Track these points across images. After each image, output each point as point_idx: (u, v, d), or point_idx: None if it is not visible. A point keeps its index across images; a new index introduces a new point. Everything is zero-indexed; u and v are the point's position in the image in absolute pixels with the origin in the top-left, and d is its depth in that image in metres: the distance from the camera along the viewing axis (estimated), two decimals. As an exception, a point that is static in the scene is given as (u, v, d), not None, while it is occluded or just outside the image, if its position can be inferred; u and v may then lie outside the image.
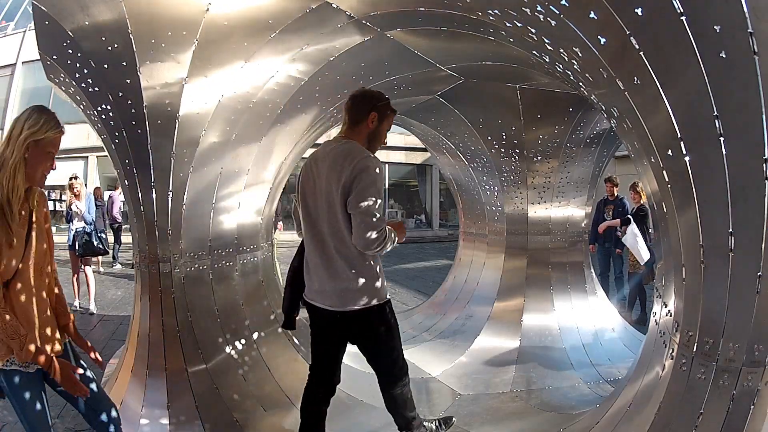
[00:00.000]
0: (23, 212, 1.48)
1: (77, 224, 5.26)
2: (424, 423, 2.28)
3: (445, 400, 3.04)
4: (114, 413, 1.73)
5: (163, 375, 2.53)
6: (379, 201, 1.76)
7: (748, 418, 1.33)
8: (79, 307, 5.34)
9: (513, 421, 2.80)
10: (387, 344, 2.01)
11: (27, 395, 1.53)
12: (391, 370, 2.06)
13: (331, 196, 1.80)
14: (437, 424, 2.36)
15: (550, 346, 3.66)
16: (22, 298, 1.48)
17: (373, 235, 1.73)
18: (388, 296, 1.96)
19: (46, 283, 1.60)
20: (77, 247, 5.19)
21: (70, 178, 5.53)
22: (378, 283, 1.89)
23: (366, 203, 1.72)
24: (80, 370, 1.63)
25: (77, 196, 5.33)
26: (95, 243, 5.24)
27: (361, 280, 1.84)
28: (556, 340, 3.69)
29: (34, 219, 1.53)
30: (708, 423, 1.39)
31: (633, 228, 4.72)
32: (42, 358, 1.48)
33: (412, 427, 2.18)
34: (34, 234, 1.52)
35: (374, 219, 1.74)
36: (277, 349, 3.02)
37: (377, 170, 1.77)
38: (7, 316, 1.41)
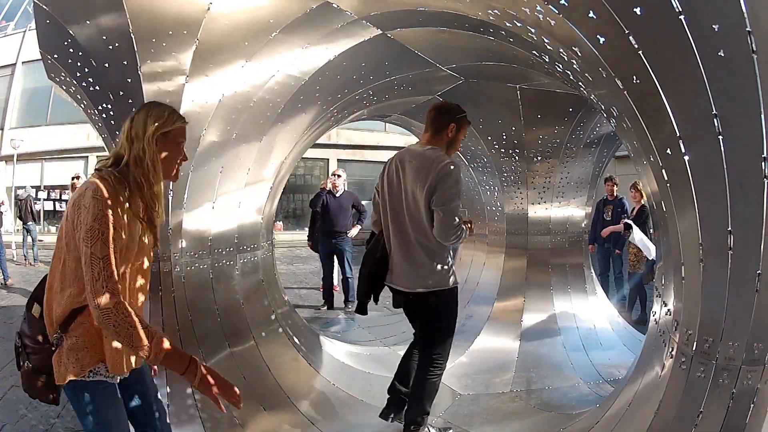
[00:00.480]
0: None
1: None
2: (429, 427, 2.37)
3: (445, 400, 3.04)
4: None
5: (163, 374, 2.53)
6: (458, 201, 2.11)
7: (747, 417, 1.34)
8: None
9: (513, 421, 2.79)
10: (440, 327, 2.25)
11: (111, 410, 1.34)
12: (435, 354, 2.25)
13: (416, 195, 2.12)
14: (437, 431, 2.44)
15: (550, 346, 3.65)
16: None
17: (453, 228, 2.07)
18: (455, 284, 2.23)
19: (146, 288, 1.46)
20: None
21: (73, 178, 5.51)
22: (448, 272, 2.19)
23: (448, 202, 2.06)
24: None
25: None
26: None
27: (434, 267, 2.16)
28: (556, 340, 3.69)
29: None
30: (708, 422, 1.39)
31: (636, 233, 4.70)
32: (165, 355, 1.25)
33: (421, 422, 2.29)
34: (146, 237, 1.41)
35: (454, 215, 2.07)
36: (277, 349, 3.02)
37: (458, 177, 2.10)
38: (128, 313, 1.21)
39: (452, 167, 2.08)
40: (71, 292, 1.28)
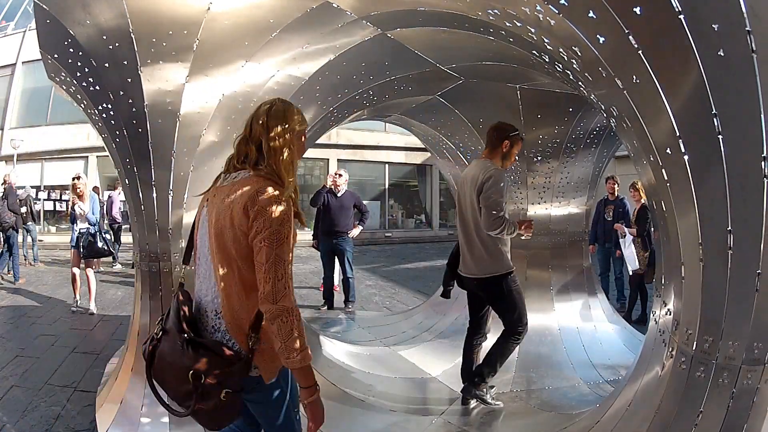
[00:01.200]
0: None
1: (81, 225, 5.15)
2: (489, 392, 2.81)
3: (445, 401, 3.04)
4: None
5: (163, 374, 2.53)
6: (498, 199, 2.53)
7: (747, 417, 1.34)
8: (77, 306, 5.31)
9: (513, 421, 2.80)
10: (508, 303, 2.71)
11: (296, 391, 1.39)
12: (513, 325, 2.73)
13: (473, 197, 2.65)
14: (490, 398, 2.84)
15: (550, 346, 3.65)
16: None
17: (493, 220, 2.51)
18: (510, 269, 2.69)
19: None
20: (81, 249, 5.08)
21: (73, 178, 5.36)
22: (502, 259, 2.67)
23: (489, 200, 2.54)
24: None
25: (80, 197, 5.19)
26: (99, 244, 5.11)
27: (490, 256, 2.66)
28: (556, 340, 3.69)
29: None
30: (708, 421, 1.39)
31: (627, 239, 4.70)
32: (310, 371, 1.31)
33: (485, 377, 2.75)
34: None
35: (494, 210, 2.52)
36: (277, 348, 3.02)
37: (498, 179, 2.56)
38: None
39: (494, 173, 2.57)
40: (256, 295, 1.27)
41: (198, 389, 1.24)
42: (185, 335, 1.30)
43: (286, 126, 1.36)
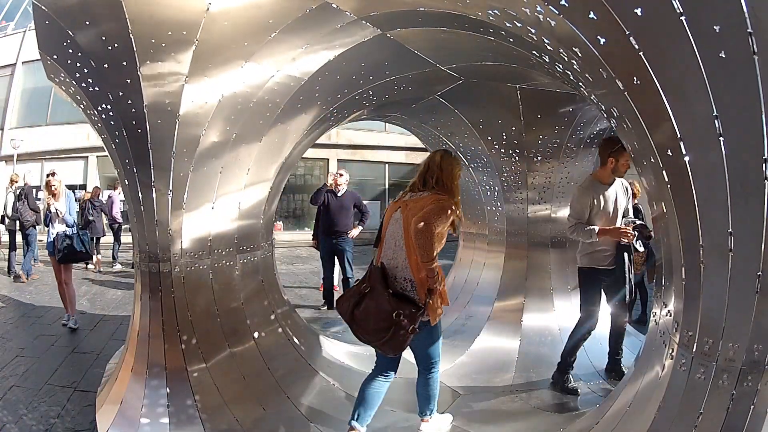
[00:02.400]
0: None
1: (58, 227, 4.66)
2: (569, 379, 3.17)
3: (445, 400, 3.04)
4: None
5: (163, 374, 2.53)
6: (571, 212, 3.15)
7: (747, 419, 1.33)
8: (69, 320, 4.78)
9: (513, 421, 2.80)
10: (581, 295, 3.20)
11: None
12: (581, 315, 3.19)
13: None
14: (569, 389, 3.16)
15: (550, 346, 3.65)
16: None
17: (568, 227, 3.16)
18: (585, 265, 3.16)
19: None
20: (57, 253, 4.56)
21: (48, 175, 4.83)
22: (583, 256, 3.17)
23: (569, 210, 3.21)
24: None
25: (55, 196, 4.67)
26: (77, 248, 4.58)
27: (576, 252, 3.25)
28: (556, 341, 3.68)
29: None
30: (707, 423, 1.39)
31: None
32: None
33: (562, 368, 3.18)
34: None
35: (570, 218, 3.16)
36: (277, 349, 3.02)
37: (575, 197, 3.14)
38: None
39: (578, 189, 3.16)
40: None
41: (398, 324, 2.06)
42: (390, 290, 2.15)
43: (451, 167, 2.31)
